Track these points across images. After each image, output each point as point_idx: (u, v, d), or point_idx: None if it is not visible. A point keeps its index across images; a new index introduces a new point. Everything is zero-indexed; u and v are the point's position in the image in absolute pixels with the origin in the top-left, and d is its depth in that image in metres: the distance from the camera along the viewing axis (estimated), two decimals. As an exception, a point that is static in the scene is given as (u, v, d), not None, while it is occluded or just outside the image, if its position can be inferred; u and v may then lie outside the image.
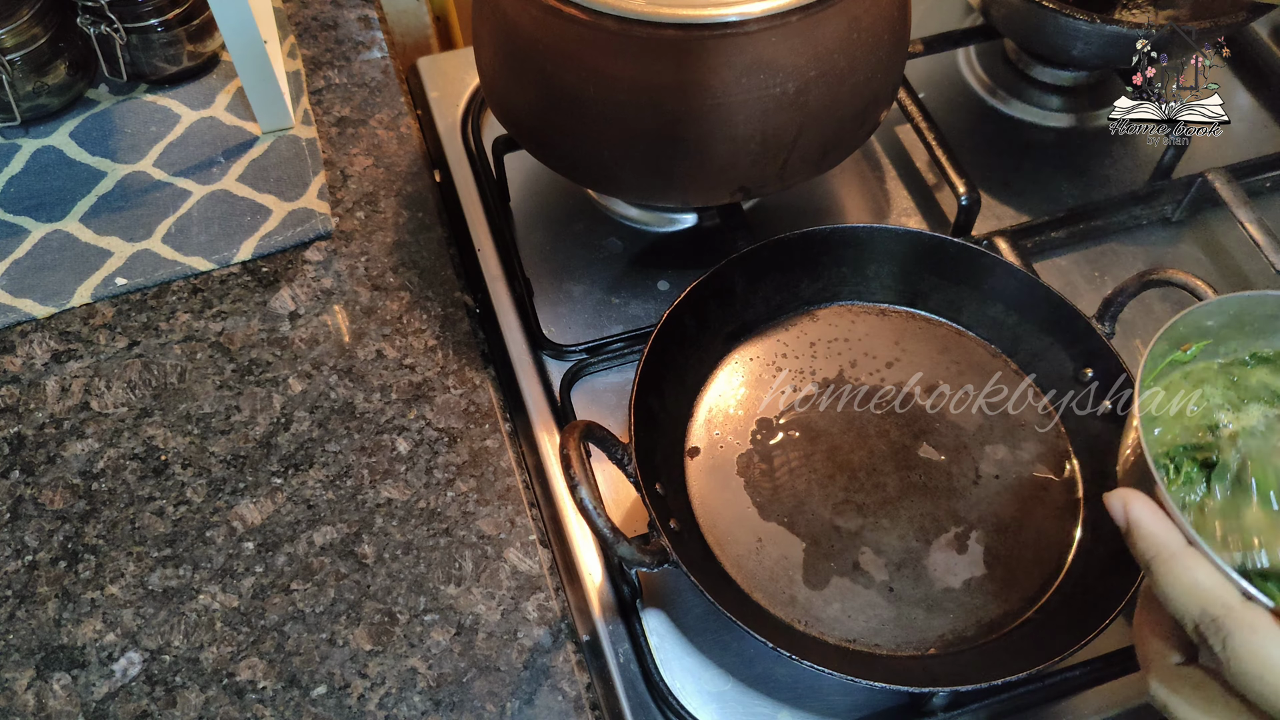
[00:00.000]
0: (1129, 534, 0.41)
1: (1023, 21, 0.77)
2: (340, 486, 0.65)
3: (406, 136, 0.81)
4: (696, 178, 0.65)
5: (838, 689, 0.59)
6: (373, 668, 0.59)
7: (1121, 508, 0.41)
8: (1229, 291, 0.71)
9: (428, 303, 0.72)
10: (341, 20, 0.87)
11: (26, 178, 0.77)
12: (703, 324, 0.67)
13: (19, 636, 0.60)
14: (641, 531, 0.58)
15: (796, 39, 0.59)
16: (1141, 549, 0.40)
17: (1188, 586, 0.38)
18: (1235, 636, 0.37)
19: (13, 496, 0.64)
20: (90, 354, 0.70)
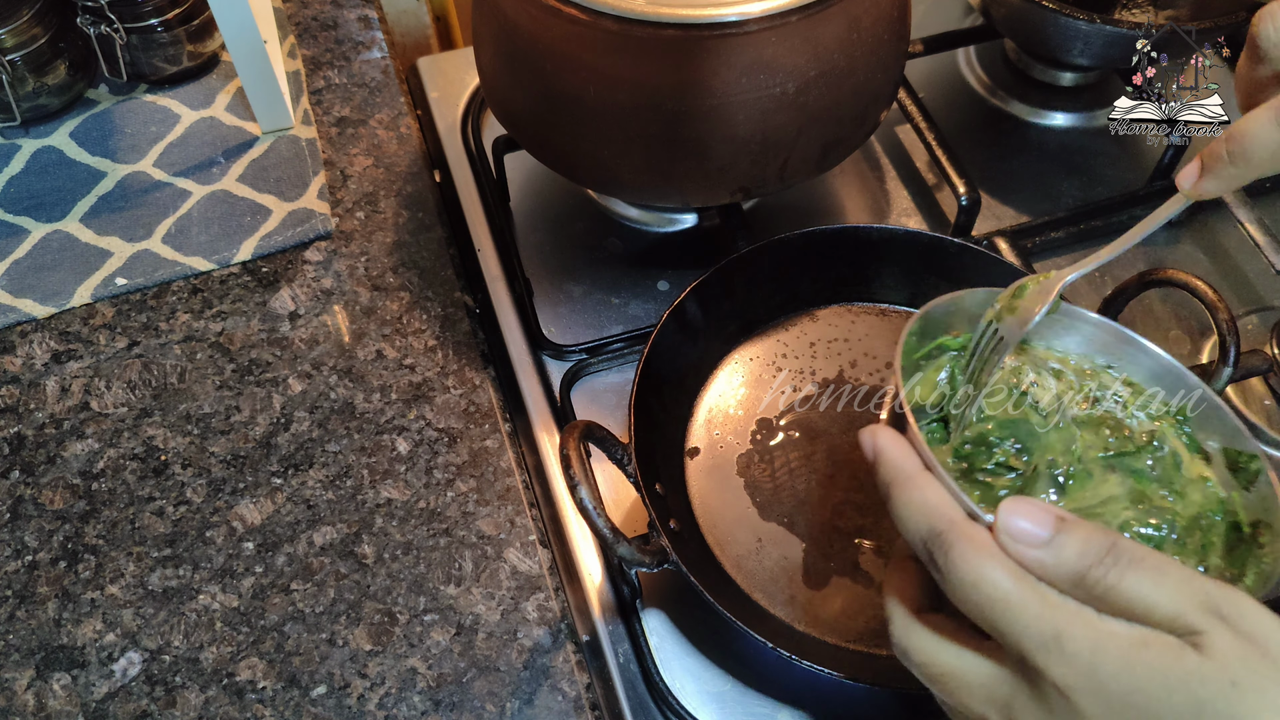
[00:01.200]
0: (875, 463, 0.42)
1: (1023, 21, 0.77)
2: (340, 486, 0.65)
3: (406, 136, 0.81)
4: (696, 178, 0.65)
5: (837, 689, 0.58)
6: (372, 668, 0.59)
7: (870, 440, 0.43)
8: (1229, 292, 0.71)
9: (428, 303, 0.72)
10: (341, 20, 0.87)
11: (26, 178, 0.77)
12: (703, 324, 0.67)
13: (19, 636, 0.60)
14: (641, 532, 0.58)
15: (796, 39, 0.59)
16: (883, 475, 0.42)
17: (919, 506, 0.40)
18: (955, 549, 0.38)
19: (13, 496, 0.64)
20: (90, 354, 0.70)
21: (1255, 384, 0.69)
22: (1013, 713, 0.38)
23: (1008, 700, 0.38)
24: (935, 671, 0.40)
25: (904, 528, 0.41)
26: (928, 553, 0.39)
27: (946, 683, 0.40)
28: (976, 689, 0.39)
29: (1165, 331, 0.72)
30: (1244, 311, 0.73)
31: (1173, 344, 0.72)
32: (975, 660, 0.39)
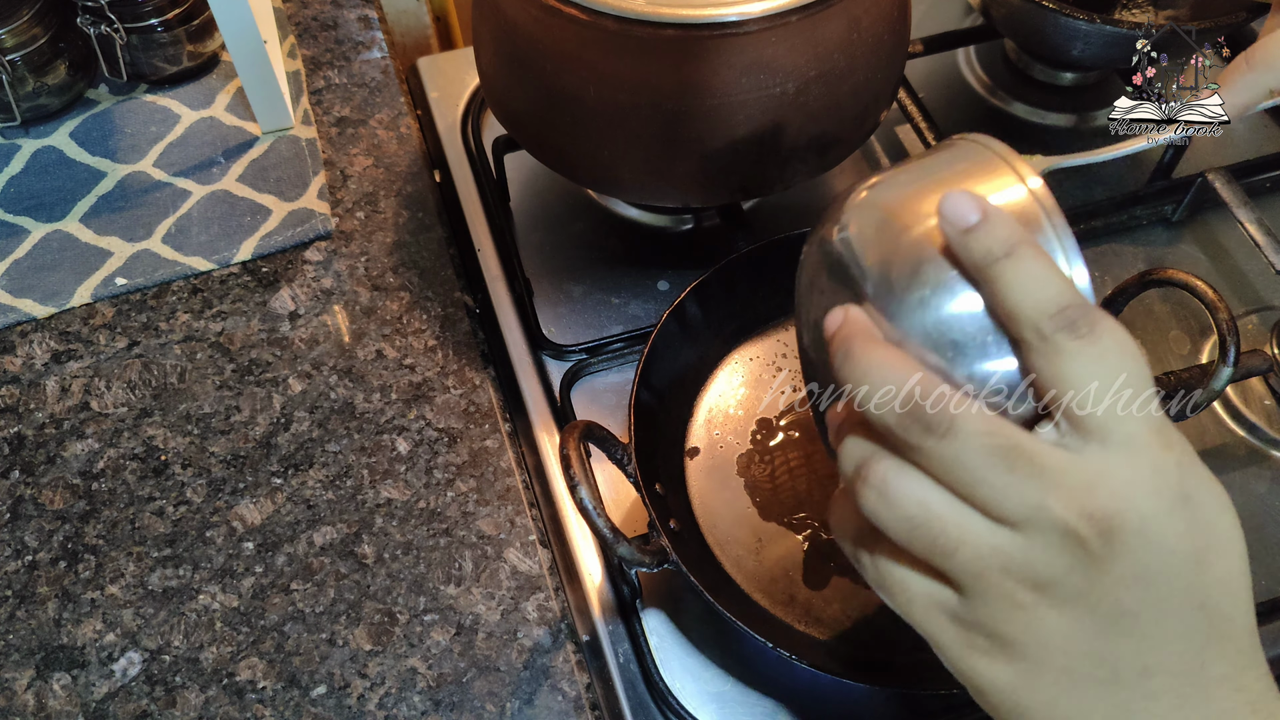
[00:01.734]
0: (986, 222, 0.36)
1: (1023, 22, 0.77)
2: (340, 486, 0.65)
3: (406, 136, 0.81)
4: (696, 178, 0.65)
5: (837, 690, 0.58)
6: (373, 668, 0.59)
7: (973, 200, 0.37)
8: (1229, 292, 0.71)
9: (428, 303, 0.72)
10: (341, 20, 0.87)
11: (26, 178, 0.77)
12: (703, 324, 0.67)
13: (19, 636, 0.60)
14: (641, 531, 0.58)
15: (796, 39, 0.59)
16: (1006, 233, 0.36)
17: (1058, 272, 0.36)
18: (1102, 318, 0.35)
19: (13, 496, 0.64)
20: (90, 354, 0.70)
21: (1255, 384, 0.69)
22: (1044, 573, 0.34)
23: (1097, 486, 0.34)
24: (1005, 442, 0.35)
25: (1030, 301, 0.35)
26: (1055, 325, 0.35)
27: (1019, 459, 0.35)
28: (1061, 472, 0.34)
29: (1165, 331, 0.72)
30: (1244, 311, 0.73)
31: (1173, 344, 0.72)
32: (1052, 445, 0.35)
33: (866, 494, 0.37)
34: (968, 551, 0.35)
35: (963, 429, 0.34)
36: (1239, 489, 0.66)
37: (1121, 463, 0.34)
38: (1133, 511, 0.34)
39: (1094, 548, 0.34)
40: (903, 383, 0.36)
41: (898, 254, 0.39)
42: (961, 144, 0.42)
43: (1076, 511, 0.34)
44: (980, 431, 0.34)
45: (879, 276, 0.39)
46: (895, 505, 0.36)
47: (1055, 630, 0.35)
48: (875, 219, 0.41)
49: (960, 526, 0.35)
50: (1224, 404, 0.69)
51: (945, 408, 0.35)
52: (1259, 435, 0.67)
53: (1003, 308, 0.36)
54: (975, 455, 0.34)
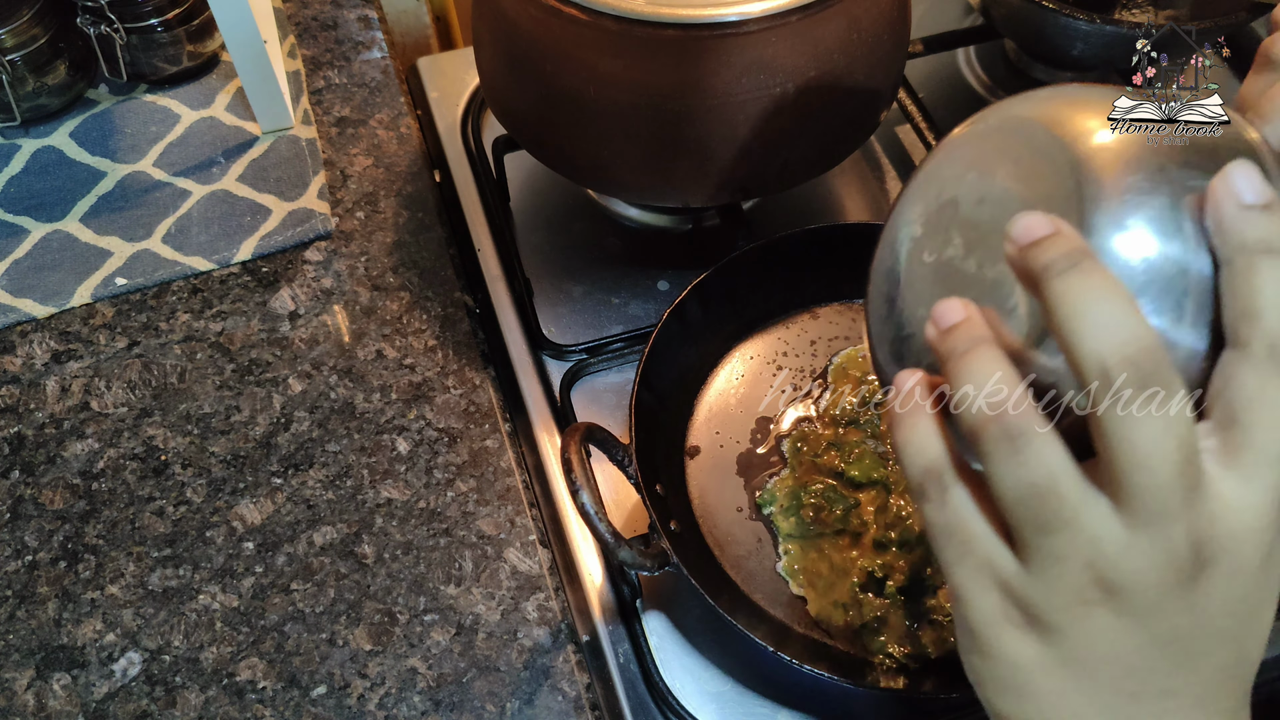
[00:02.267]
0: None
1: (1023, 22, 0.77)
2: (340, 486, 0.65)
3: (406, 136, 0.81)
4: (696, 178, 0.65)
5: (837, 691, 0.58)
6: (373, 668, 0.59)
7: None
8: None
9: (428, 303, 0.72)
10: (341, 20, 0.87)
11: (26, 178, 0.77)
12: (703, 323, 0.67)
13: (19, 636, 0.60)
14: (642, 531, 0.58)
15: (796, 39, 0.59)
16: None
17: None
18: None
19: (13, 496, 0.64)
20: (90, 354, 0.70)
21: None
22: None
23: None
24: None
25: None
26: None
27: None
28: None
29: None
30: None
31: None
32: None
33: (999, 442, 0.34)
34: (1070, 535, 0.33)
35: (1174, 411, 0.32)
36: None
37: (1250, 506, 0.33)
38: (1235, 555, 0.33)
39: (1186, 575, 0.33)
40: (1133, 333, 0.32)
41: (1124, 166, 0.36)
42: None
43: (1195, 536, 0.33)
44: (1187, 422, 0.32)
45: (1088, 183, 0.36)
46: (1025, 465, 0.33)
47: (1104, 633, 0.35)
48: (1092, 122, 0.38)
49: (1077, 509, 0.33)
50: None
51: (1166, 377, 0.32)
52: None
53: (1245, 302, 0.33)
54: (1168, 445, 0.32)
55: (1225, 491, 0.33)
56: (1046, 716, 0.36)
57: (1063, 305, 0.32)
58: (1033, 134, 0.38)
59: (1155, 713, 0.35)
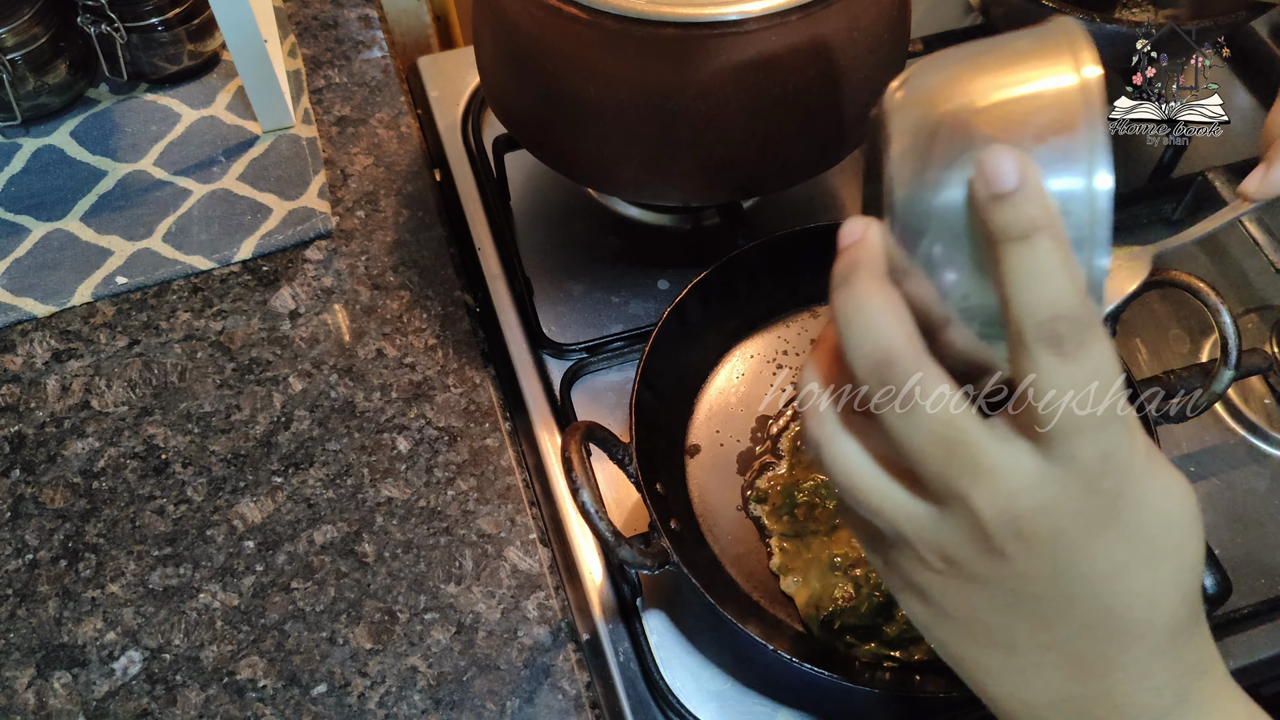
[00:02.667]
0: (1017, 194, 0.33)
1: (1023, 21, 0.76)
2: (340, 485, 0.65)
3: (407, 136, 0.81)
4: (696, 177, 0.65)
5: (837, 690, 0.59)
6: (373, 666, 0.59)
7: (1015, 166, 0.34)
8: (1229, 291, 0.71)
9: (428, 302, 0.72)
10: (341, 19, 0.87)
11: (27, 177, 0.77)
12: (703, 322, 0.67)
13: (19, 635, 0.60)
14: (642, 530, 0.58)
15: (796, 39, 0.59)
16: (1030, 214, 0.33)
17: (1069, 273, 0.33)
18: (1092, 339, 0.33)
19: (13, 495, 0.64)
20: (91, 353, 0.70)
21: (1255, 383, 0.69)
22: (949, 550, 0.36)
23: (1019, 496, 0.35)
24: (953, 433, 0.35)
25: (1050, 289, 0.33)
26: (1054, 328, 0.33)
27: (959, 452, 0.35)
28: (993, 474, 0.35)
29: (1165, 330, 0.72)
30: (1244, 311, 0.73)
31: (1173, 343, 0.72)
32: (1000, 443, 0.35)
33: (806, 446, 0.39)
34: (886, 516, 0.37)
35: (921, 412, 0.35)
36: (1239, 488, 0.66)
37: (1053, 478, 0.35)
38: (1047, 527, 0.35)
39: (1000, 545, 0.35)
40: (884, 337, 0.35)
41: (928, 140, 0.36)
42: (1051, 23, 0.38)
43: (995, 511, 0.35)
44: (935, 418, 0.35)
45: (902, 158, 0.37)
46: (825, 469, 0.38)
47: (960, 596, 0.37)
48: (924, 90, 0.38)
49: (881, 496, 0.37)
50: (1224, 403, 0.69)
51: (914, 380, 0.35)
52: (1259, 434, 0.67)
53: (1000, 290, 0.34)
54: (923, 437, 0.35)
55: (1025, 466, 0.35)
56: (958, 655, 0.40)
57: (835, 316, 0.36)
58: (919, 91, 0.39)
59: (1039, 663, 0.38)
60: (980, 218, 0.34)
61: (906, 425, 0.35)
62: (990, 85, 0.37)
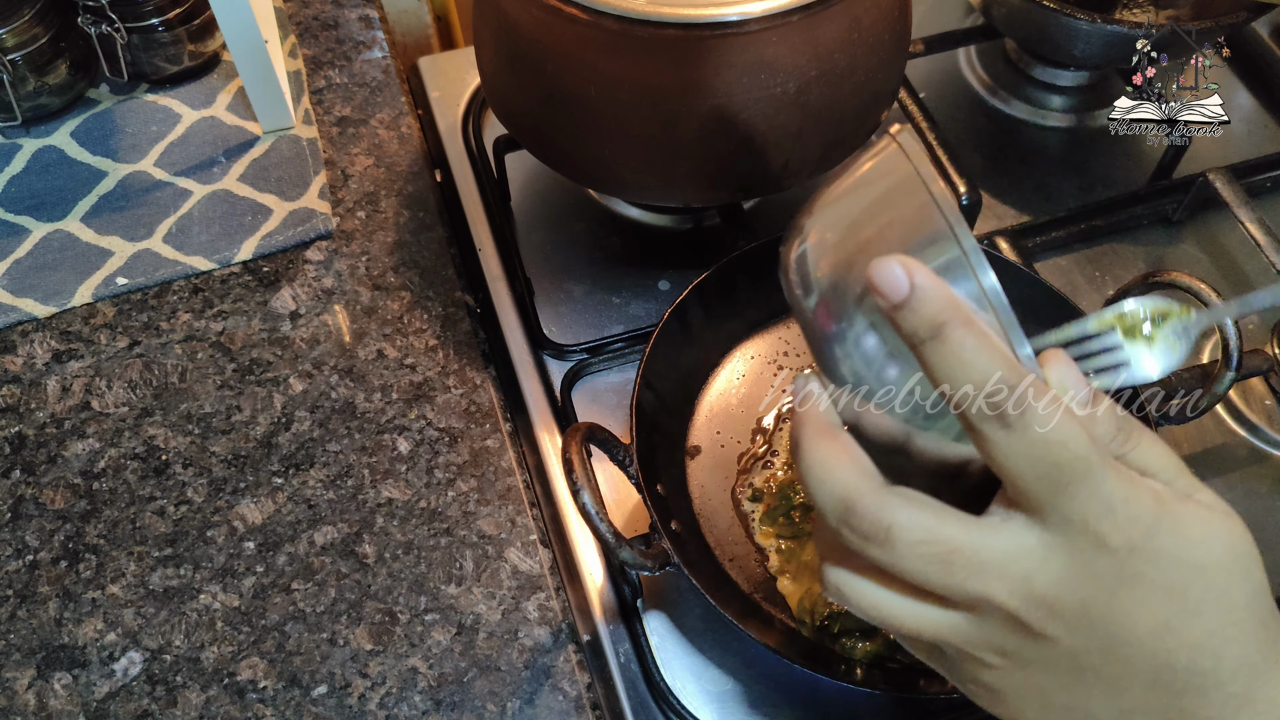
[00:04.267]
0: (912, 299, 0.34)
1: (1023, 21, 0.77)
2: (341, 486, 0.65)
3: (407, 136, 0.81)
4: (696, 178, 0.65)
5: (837, 691, 0.59)
6: (373, 667, 0.59)
7: (903, 272, 0.34)
8: (1229, 292, 0.71)
9: (428, 302, 0.72)
10: (342, 20, 0.87)
11: (27, 177, 0.77)
12: (704, 323, 0.67)
13: (20, 636, 0.60)
14: (642, 531, 0.58)
15: (797, 39, 0.59)
16: (931, 312, 0.34)
17: (987, 351, 0.34)
18: (1034, 398, 0.34)
19: (14, 496, 0.64)
20: (91, 354, 0.70)
21: (1256, 384, 0.69)
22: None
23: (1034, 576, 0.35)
24: (941, 549, 0.35)
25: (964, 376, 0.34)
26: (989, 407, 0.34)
27: (957, 561, 0.35)
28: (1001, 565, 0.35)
29: (1166, 331, 0.72)
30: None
31: (1173, 344, 0.72)
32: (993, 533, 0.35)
33: (827, 591, 0.39)
34: (929, 635, 0.37)
35: (899, 539, 0.35)
36: (1239, 489, 0.66)
37: (1059, 548, 0.35)
38: (1072, 597, 0.35)
39: (1039, 628, 0.35)
40: (839, 487, 0.36)
41: (827, 290, 0.38)
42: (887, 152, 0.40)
43: (1019, 600, 0.35)
44: (916, 541, 0.35)
45: (813, 313, 0.39)
46: (852, 605, 0.38)
47: (1026, 685, 0.37)
48: (812, 249, 0.40)
49: (915, 619, 0.37)
50: (1225, 404, 0.69)
51: (879, 515, 0.35)
52: (1260, 435, 0.67)
53: (935, 385, 0.35)
54: (915, 562, 0.35)
55: (1029, 544, 0.35)
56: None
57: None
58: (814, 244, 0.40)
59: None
60: (894, 327, 0.35)
61: (894, 558, 0.36)
62: (857, 224, 0.39)
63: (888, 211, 0.38)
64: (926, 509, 0.36)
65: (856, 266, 0.37)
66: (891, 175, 0.39)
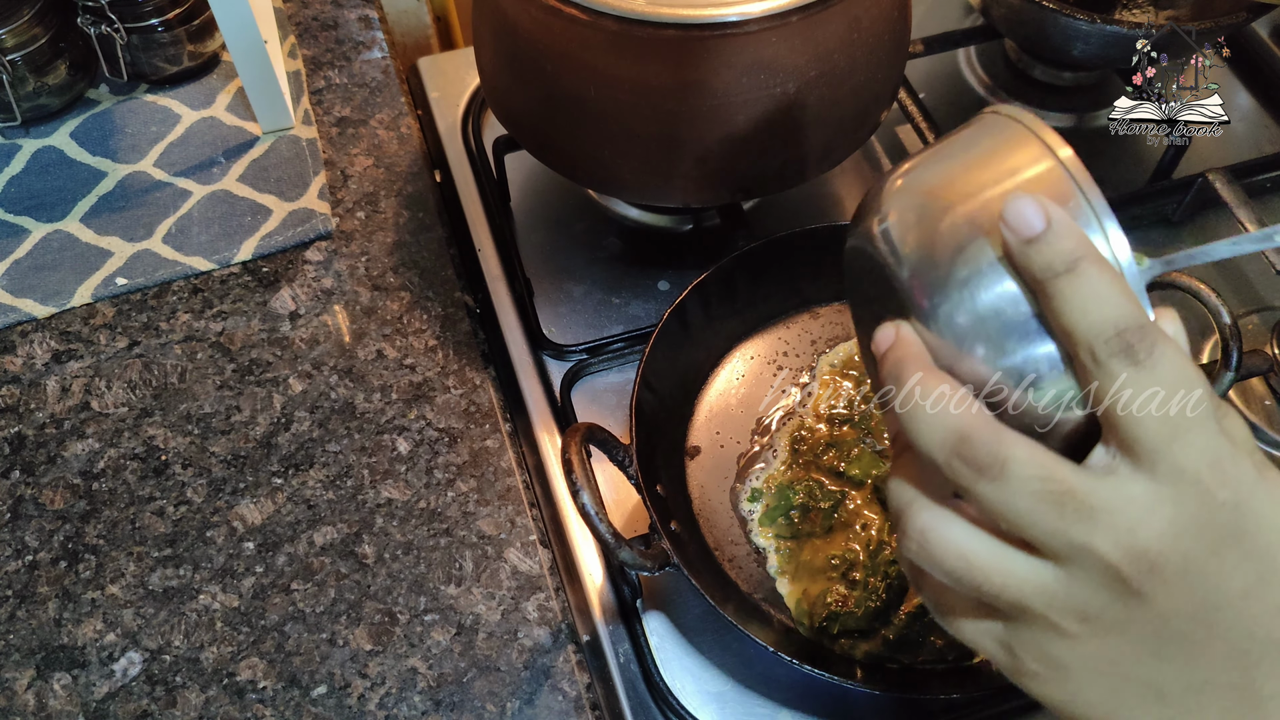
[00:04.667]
0: (1049, 233, 0.35)
1: (1023, 22, 0.77)
2: (340, 486, 0.65)
3: (407, 136, 0.81)
4: (696, 178, 0.65)
5: (837, 692, 0.59)
6: (373, 668, 0.59)
7: (1038, 208, 0.35)
8: (1229, 292, 0.71)
9: (428, 303, 0.72)
10: (342, 20, 0.87)
11: (27, 178, 0.77)
12: (703, 323, 0.67)
13: (19, 636, 0.60)
14: (642, 531, 0.58)
15: (796, 39, 0.59)
16: (1068, 247, 0.34)
17: (1120, 288, 0.34)
18: (1162, 342, 0.34)
19: (13, 496, 0.64)
20: (91, 354, 0.70)
21: (1256, 384, 0.69)
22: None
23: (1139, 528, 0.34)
24: (1056, 488, 0.34)
25: (1088, 320, 0.34)
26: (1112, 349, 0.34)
27: (1068, 505, 0.34)
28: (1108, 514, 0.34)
29: (1165, 331, 0.72)
30: (1244, 311, 0.73)
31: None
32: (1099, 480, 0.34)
33: (907, 545, 0.37)
34: (1012, 593, 0.36)
35: (1015, 473, 0.34)
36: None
37: (1167, 499, 0.34)
38: (1175, 552, 0.34)
39: (1136, 585, 0.34)
40: (953, 419, 0.35)
41: (937, 242, 0.38)
42: (989, 118, 0.40)
43: (1121, 552, 0.34)
44: (1032, 476, 0.34)
45: (918, 267, 0.38)
46: (935, 559, 0.37)
47: (1100, 656, 0.36)
48: (912, 205, 0.39)
49: (1003, 571, 0.36)
50: (1224, 404, 0.69)
51: (996, 448, 0.35)
52: (1259, 436, 0.67)
53: (1059, 324, 0.35)
54: (1026, 499, 0.34)
55: (1137, 494, 0.34)
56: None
57: (899, 417, 0.36)
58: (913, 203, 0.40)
59: (1191, 708, 0.36)
60: (1019, 265, 0.35)
61: (1006, 493, 0.35)
62: (979, 181, 0.38)
63: (999, 169, 0.38)
64: (1040, 447, 0.35)
65: (968, 216, 0.37)
66: (1000, 136, 0.39)
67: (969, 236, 0.37)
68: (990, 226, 0.36)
